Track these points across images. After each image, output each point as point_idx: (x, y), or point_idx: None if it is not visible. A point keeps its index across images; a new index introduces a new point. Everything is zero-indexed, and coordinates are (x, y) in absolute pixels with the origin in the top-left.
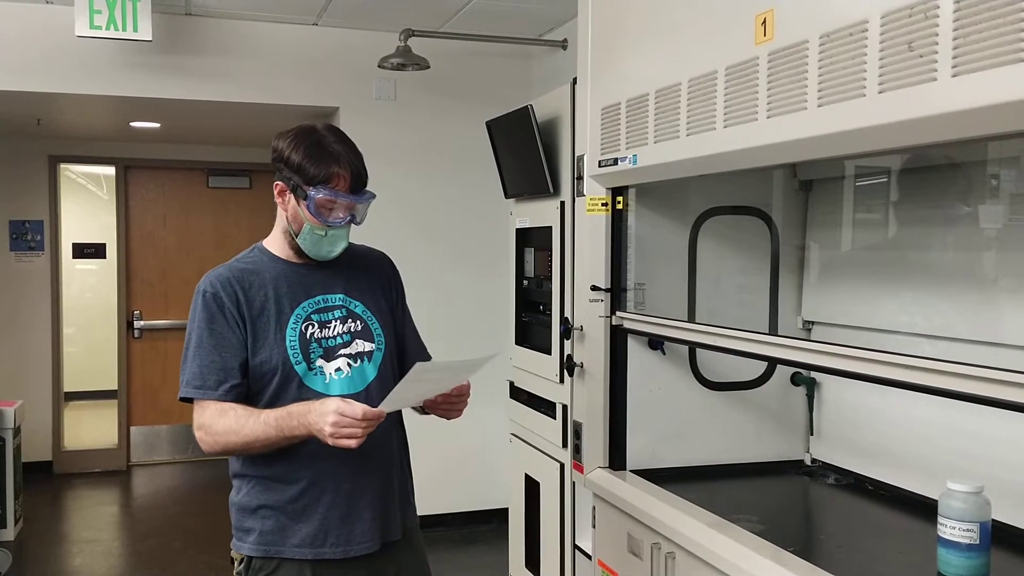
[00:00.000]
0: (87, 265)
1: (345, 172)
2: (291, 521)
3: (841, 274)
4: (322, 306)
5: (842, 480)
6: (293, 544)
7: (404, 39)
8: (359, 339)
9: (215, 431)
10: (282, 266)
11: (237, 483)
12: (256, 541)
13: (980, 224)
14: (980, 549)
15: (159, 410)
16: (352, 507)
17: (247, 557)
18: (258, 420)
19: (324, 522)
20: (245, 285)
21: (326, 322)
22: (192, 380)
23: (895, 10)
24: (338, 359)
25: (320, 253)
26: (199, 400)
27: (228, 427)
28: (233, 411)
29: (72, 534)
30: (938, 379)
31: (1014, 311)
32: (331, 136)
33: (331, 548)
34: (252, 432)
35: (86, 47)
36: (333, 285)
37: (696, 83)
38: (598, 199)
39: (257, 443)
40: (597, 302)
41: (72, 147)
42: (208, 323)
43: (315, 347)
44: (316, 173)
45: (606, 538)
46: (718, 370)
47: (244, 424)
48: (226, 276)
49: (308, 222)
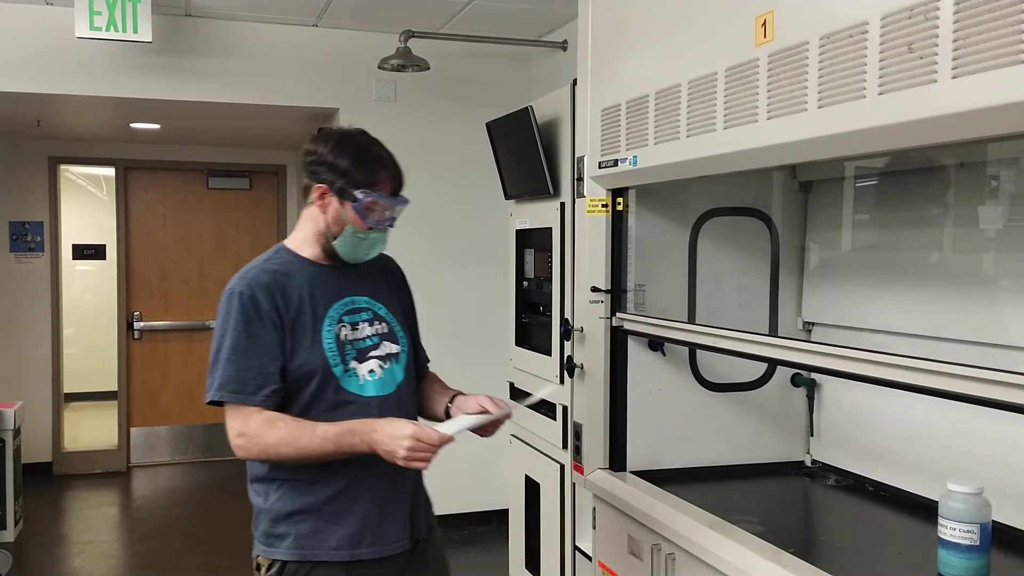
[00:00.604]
0: (87, 266)
1: (390, 176)
2: (327, 524)
3: (841, 275)
4: (351, 308)
5: (842, 481)
6: (330, 547)
7: (404, 40)
8: (386, 341)
9: (264, 442)
10: (311, 268)
11: (262, 487)
12: (291, 545)
13: (980, 225)
14: (980, 550)
15: (159, 411)
16: (387, 507)
17: (281, 562)
18: (314, 434)
19: (361, 523)
20: (281, 287)
21: (356, 324)
22: (228, 384)
23: (895, 12)
24: (369, 361)
25: (357, 255)
26: (237, 405)
27: (280, 438)
28: (282, 422)
29: (72, 535)
30: (938, 380)
31: (1014, 312)
32: (371, 141)
33: (367, 549)
34: (308, 446)
35: (86, 48)
36: (358, 287)
37: (696, 84)
38: (598, 200)
39: (312, 456)
40: (597, 303)
41: (72, 148)
42: (245, 325)
43: (349, 349)
44: (364, 177)
45: (606, 539)
46: (718, 371)
47: (298, 437)
48: (262, 278)
49: (351, 224)
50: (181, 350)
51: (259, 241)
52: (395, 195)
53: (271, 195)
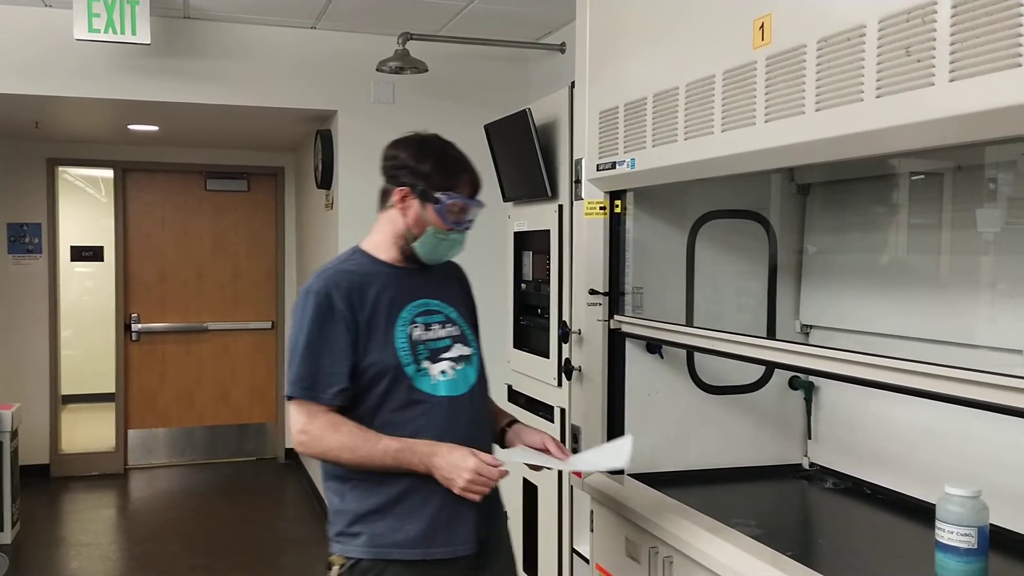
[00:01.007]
0: (85, 268)
1: (469, 179)
2: (400, 522)
3: (839, 278)
4: (424, 310)
5: (840, 484)
6: (403, 546)
7: (402, 42)
8: (458, 343)
9: (327, 444)
10: (386, 269)
11: (338, 487)
12: (365, 543)
13: (978, 228)
14: (978, 554)
15: (157, 413)
16: (457, 507)
17: (354, 560)
18: (375, 446)
19: (433, 522)
20: (356, 287)
21: (429, 325)
22: (300, 381)
23: (893, 15)
24: (442, 362)
25: (436, 256)
26: (305, 402)
27: (342, 444)
28: (346, 427)
29: (69, 538)
30: (936, 383)
31: (1012, 315)
32: (449, 145)
33: (439, 548)
34: (368, 455)
35: (84, 50)
36: (432, 291)
37: (694, 87)
38: (596, 203)
39: (369, 466)
40: (595, 306)
41: (70, 150)
42: (320, 325)
43: (421, 349)
44: (445, 179)
45: (604, 542)
46: (716, 374)
47: (360, 445)
48: (338, 279)
49: (433, 226)
50: (179, 352)
51: (257, 243)
52: (473, 197)
53: (269, 197)
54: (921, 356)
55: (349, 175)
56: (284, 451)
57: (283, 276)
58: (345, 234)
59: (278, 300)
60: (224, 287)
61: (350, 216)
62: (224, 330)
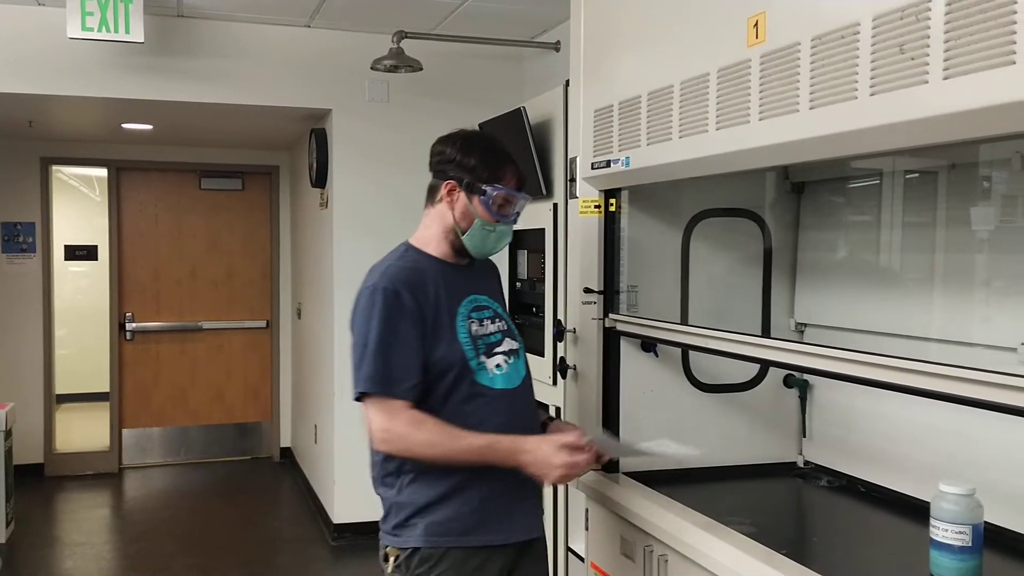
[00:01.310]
0: (79, 267)
1: (514, 171)
2: (458, 512)
3: (834, 276)
4: (476, 305)
5: (834, 482)
6: (460, 533)
7: (397, 41)
8: (507, 337)
9: (410, 441)
10: (440, 265)
11: (394, 480)
12: (423, 532)
13: (972, 226)
14: (972, 551)
15: (151, 413)
16: (512, 495)
17: (412, 549)
18: (459, 443)
19: (489, 510)
20: (419, 283)
21: (482, 320)
22: (375, 377)
23: (886, 12)
24: (496, 356)
25: (484, 249)
26: (382, 399)
27: (427, 440)
28: (429, 424)
29: (63, 537)
30: (930, 381)
31: (1006, 313)
32: (493, 139)
33: (495, 535)
34: (451, 452)
35: (78, 49)
36: (478, 286)
37: (688, 85)
38: (591, 201)
39: (452, 463)
40: (590, 304)
41: (64, 149)
42: (389, 321)
43: (480, 344)
44: (491, 172)
45: (599, 541)
46: (711, 372)
47: (443, 442)
48: (402, 275)
49: (480, 218)
50: (173, 351)
51: (252, 242)
52: (519, 190)
53: (264, 196)
54: (916, 354)
55: (344, 174)
56: (279, 450)
57: (278, 275)
58: (340, 233)
59: (273, 299)
60: (218, 286)
61: (345, 215)
62: (218, 329)
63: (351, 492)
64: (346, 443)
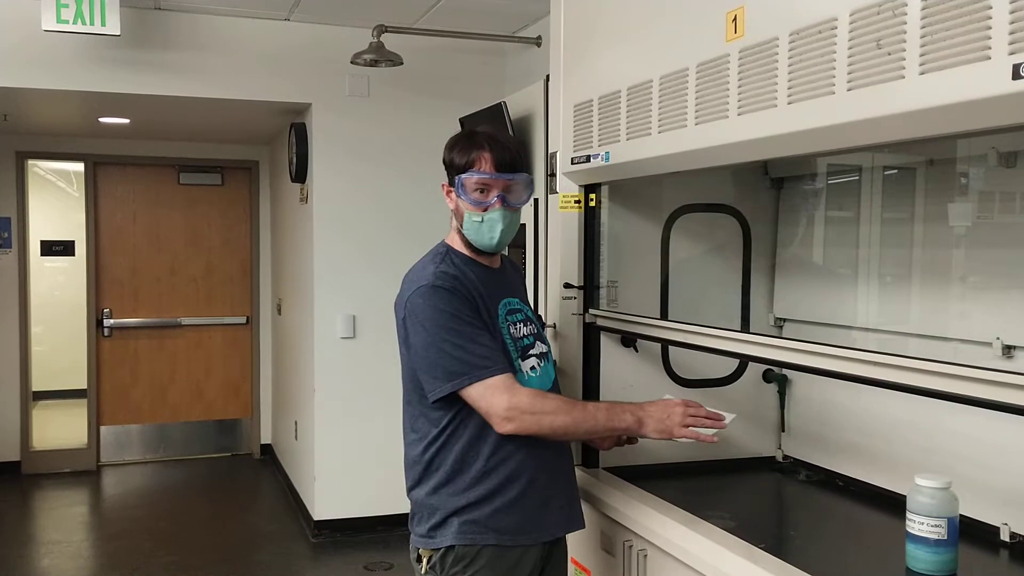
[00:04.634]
0: (56, 263)
1: (487, 153)
2: (494, 511)
3: (812, 271)
4: (511, 308)
5: (813, 476)
6: (496, 531)
7: (377, 35)
8: (538, 340)
9: (543, 409)
10: (478, 269)
11: (431, 480)
12: (458, 530)
13: (949, 222)
14: (948, 544)
15: (129, 409)
16: (548, 494)
17: (447, 548)
18: (585, 408)
19: (525, 511)
20: (463, 282)
21: (516, 323)
22: (476, 362)
23: (863, 7)
24: (530, 358)
25: (483, 241)
26: (486, 381)
27: (557, 407)
28: (548, 394)
29: (40, 535)
30: (907, 376)
31: (982, 308)
32: (483, 129)
33: (529, 535)
34: (581, 417)
35: (53, 41)
36: (511, 289)
37: (668, 80)
38: (571, 196)
39: (581, 429)
40: (570, 300)
41: (40, 143)
42: (459, 310)
43: (519, 345)
44: (461, 160)
45: (579, 535)
46: (691, 367)
47: (570, 409)
48: (451, 274)
49: (467, 211)
50: (152, 347)
51: (231, 238)
52: (500, 171)
53: (244, 191)
54: (894, 349)
55: (324, 169)
56: (259, 447)
57: (258, 270)
58: (320, 228)
59: (253, 295)
60: (197, 282)
61: (325, 210)
62: (198, 325)
63: (332, 489)
64: (326, 440)
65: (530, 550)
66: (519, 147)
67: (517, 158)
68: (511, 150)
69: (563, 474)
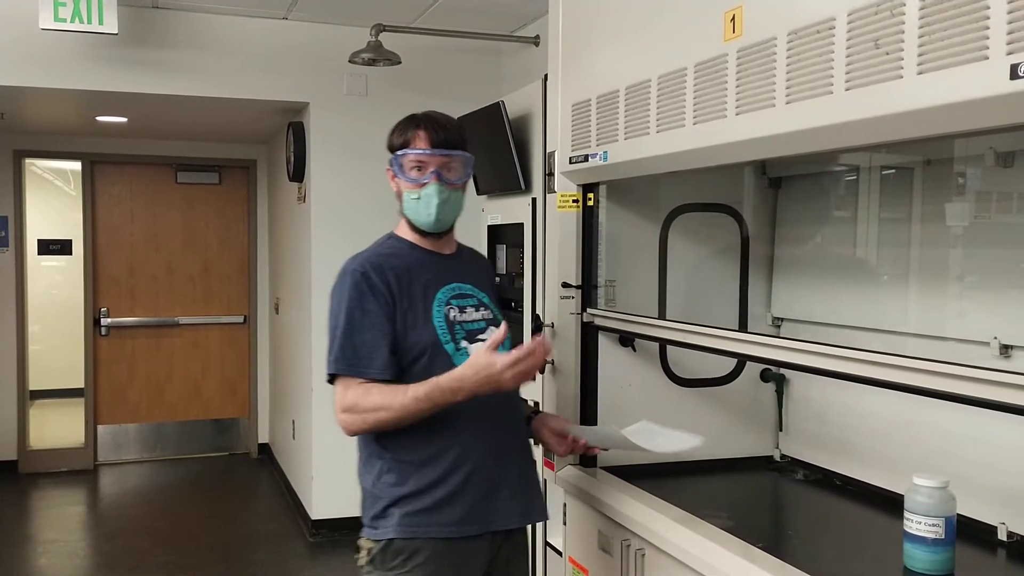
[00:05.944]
0: (53, 261)
1: (422, 132)
2: (436, 502)
3: (810, 271)
4: (458, 293)
5: (810, 476)
6: (438, 524)
7: (375, 34)
8: (492, 326)
9: (363, 408)
10: (418, 252)
11: (370, 470)
12: (398, 523)
13: (947, 222)
14: (945, 544)
15: (127, 408)
16: (493, 486)
17: (387, 540)
18: (406, 395)
19: (470, 502)
20: (391, 267)
21: (464, 308)
22: (343, 358)
23: (862, 7)
24: (478, 342)
25: (421, 219)
26: (346, 379)
27: (378, 404)
28: (376, 389)
29: (37, 534)
30: (905, 376)
31: (979, 308)
32: (425, 112)
33: (473, 526)
34: (404, 407)
35: (50, 40)
36: (462, 275)
37: (666, 80)
38: (569, 196)
39: (410, 417)
40: (568, 299)
41: (37, 142)
42: (359, 301)
43: (458, 329)
44: (397, 140)
45: (577, 535)
46: (688, 367)
47: (393, 400)
48: (373, 260)
49: (405, 190)
50: (149, 346)
51: (229, 237)
52: (434, 147)
53: (241, 190)
54: (891, 348)
55: (322, 168)
56: (257, 446)
57: (255, 270)
58: (318, 227)
59: (250, 294)
60: (195, 281)
61: (322, 209)
62: (195, 324)
63: (329, 488)
64: (324, 439)
65: (477, 541)
66: (457, 126)
67: (454, 136)
68: (447, 128)
69: (515, 463)
